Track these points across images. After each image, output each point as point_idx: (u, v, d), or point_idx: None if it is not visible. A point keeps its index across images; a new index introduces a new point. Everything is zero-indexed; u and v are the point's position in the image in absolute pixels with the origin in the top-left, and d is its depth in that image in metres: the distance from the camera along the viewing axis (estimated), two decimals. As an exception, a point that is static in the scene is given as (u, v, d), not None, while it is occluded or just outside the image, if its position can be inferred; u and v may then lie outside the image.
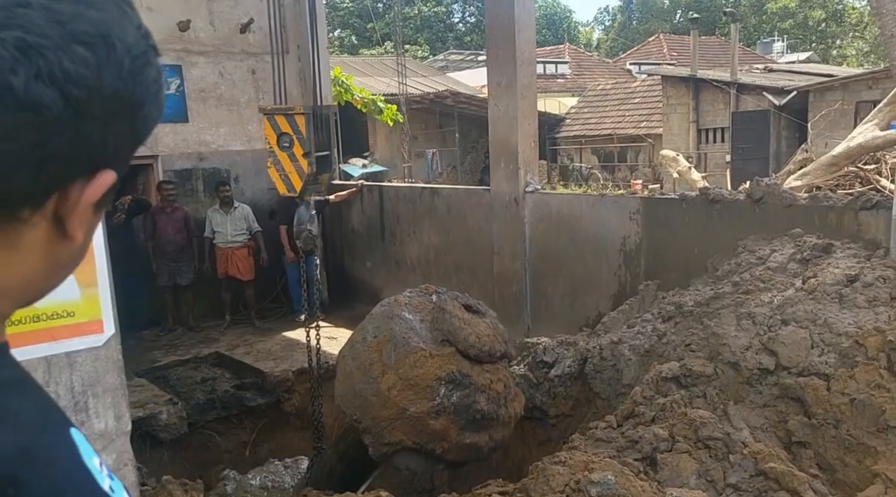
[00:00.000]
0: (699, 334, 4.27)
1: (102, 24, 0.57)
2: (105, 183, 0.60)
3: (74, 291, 2.02)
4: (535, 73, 7.11)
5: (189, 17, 8.75)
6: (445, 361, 3.69)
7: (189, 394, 6.78)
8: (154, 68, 0.63)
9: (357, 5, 43.61)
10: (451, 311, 3.86)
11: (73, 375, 2.12)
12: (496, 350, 3.82)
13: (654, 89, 22.94)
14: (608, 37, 53.90)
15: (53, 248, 0.61)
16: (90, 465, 0.61)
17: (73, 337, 2.07)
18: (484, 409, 3.67)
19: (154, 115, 0.66)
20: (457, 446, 3.73)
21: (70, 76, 0.54)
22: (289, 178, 5.39)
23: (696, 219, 5.63)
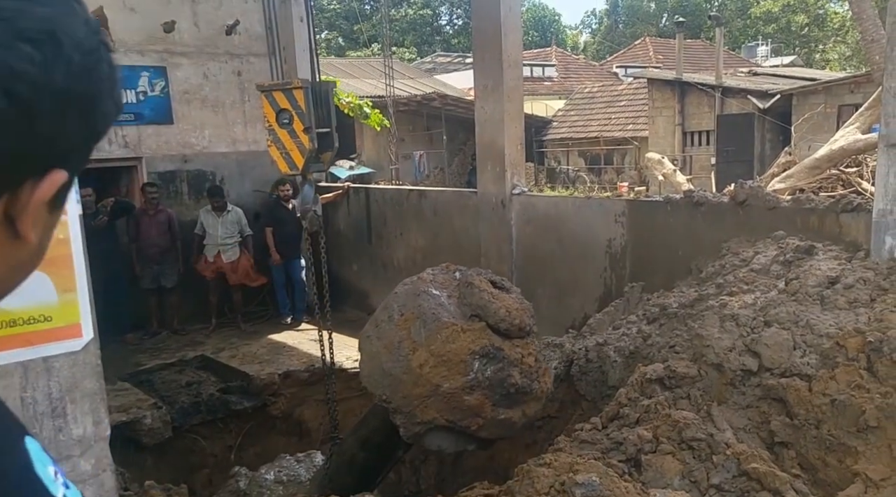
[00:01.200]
0: (683, 336, 4.30)
1: (49, 21, 0.55)
2: (56, 182, 0.59)
3: (52, 296, 2.00)
4: (521, 75, 7.13)
5: (173, 19, 8.70)
6: (477, 336, 3.62)
7: (174, 398, 6.74)
8: (106, 64, 0.62)
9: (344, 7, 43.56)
10: (478, 285, 3.79)
11: (50, 381, 2.10)
12: (525, 324, 3.76)
13: (640, 92, 23.07)
14: (595, 40, 54.15)
15: (6, 249, 0.59)
16: (42, 474, 0.60)
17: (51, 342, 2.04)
18: (518, 383, 3.62)
19: (111, 112, 0.64)
20: (491, 422, 3.67)
21: (15, 74, 0.52)
22: (290, 156, 5.29)
23: (680, 221, 5.66)
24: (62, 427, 2.16)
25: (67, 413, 2.15)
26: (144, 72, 8.70)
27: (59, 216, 0.65)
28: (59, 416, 2.15)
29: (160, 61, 8.76)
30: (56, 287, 2.01)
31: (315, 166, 5.49)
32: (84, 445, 2.23)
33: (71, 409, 2.16)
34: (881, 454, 3.09)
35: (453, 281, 3.98)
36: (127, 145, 8.60)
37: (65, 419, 2.16)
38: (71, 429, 2.18)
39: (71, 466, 2.20)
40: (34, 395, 2.08)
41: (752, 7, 42.54)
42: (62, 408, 2.14)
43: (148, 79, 8.75)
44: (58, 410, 2.14)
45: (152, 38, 8.65)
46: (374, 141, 20.64)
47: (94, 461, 2.25)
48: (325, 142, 5.46)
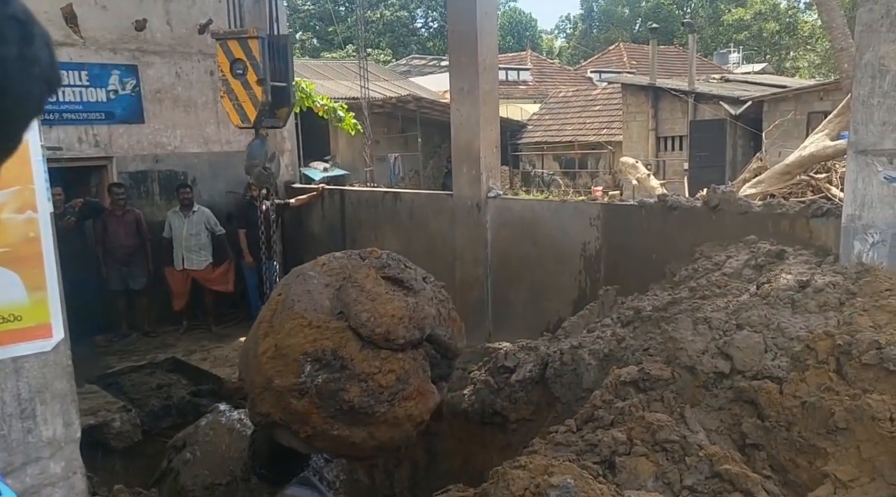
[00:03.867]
0: (657, 339, 4.33)
1: None
2: None
3: (22, 295, 1.95)
4: (497, 79, 7.15)
5: (145, 17, 8.58)
6: (326, 335, 3.20)
7: (143, 401, 6.63)
8: (14, 43, 0.56)
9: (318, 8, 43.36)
10: (358, 280, 3.33)
11: (19, 382, 2.05)
12: (398, 336, 3.21)
13: (615, 97, 23.28)
14: (570, 45, 54.56)
15: None
16: None
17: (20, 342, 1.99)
18: (354, 401, 3.15)
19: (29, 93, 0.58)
20: (324, 436, 3.27)
21: None
22: (242, 108, 5.16)
23: (654, 225, 5.72)
24: (31, 428, 2.11)
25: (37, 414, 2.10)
26: (115, 70, 8.57)
27: None
28: (29, 417, 2.10)
29: (132, 60, 8.63)
30: (26, 286, 1.96)
31: (269, 121, 5.33)
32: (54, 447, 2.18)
33: (41, 411, 2.11)
34: (850, 455, 3.13)
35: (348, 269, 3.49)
36: (97, 144, 8.46)
37: (34, 421, 2.11)
38: (41, 430, 2.13)
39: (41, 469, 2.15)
40: (2, 396, 2.03)
41: (724, 15, 43.20)
42: (32, 409, 2.09)
43: (119, 77, 8.62)
44: (27, 412, 2.09)
45: (124, 36, 8.52)
46: (349, 143, 20.57)
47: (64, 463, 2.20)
48: (282, 96, 5.30)
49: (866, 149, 4.28)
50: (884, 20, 4.13)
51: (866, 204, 4.32)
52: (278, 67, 5.19)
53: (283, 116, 5.41)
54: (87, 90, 8.37)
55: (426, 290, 3.45)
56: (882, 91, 4.18)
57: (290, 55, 5.39)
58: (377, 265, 3.47)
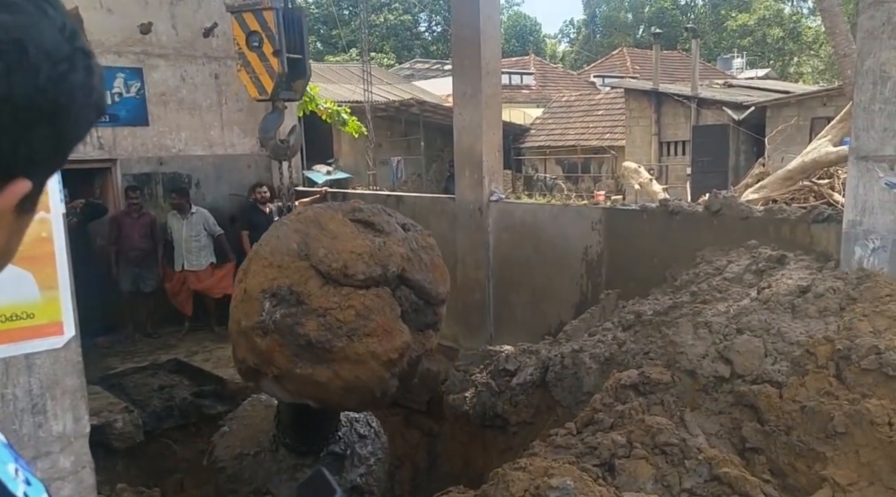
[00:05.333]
0: (658, 343, 4.35)
1: (15, 29, 0.53)
2: (18, 192, 0.58)
3: (34, 293, 1.99)
4: (500, 83, 7.18)
5: (151, 20, 8.63)
6: (286, 274, 3.24)
7: (146, 401, 6.65)
8: (80, 73, 0.60)
9: (322, 12, 43.46)
10: (323, 222, 3.38)
11: (31, 377, 2.09)
12: (357, 271, 3.20)
13: (618, 102, 23.32)
14: (573, 49, 54.64)
15: None
16: (1, 472, 0.60)
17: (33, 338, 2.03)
18: (310, 336, 3.15)
19: (88, 118, 0.63)
20: (291, 376, 3.30)
21: None
22: (259, 80, 5.17)
23: (656, 230, 5.73)
24: (42, 423, 2.15)
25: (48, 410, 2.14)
26: (120, 73, 8.61)
27: (29, 220, 0.65)
28: (40, 412, 2.14)
29: (137, 62, 8.68)
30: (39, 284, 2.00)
31: (286, 94, 5.32)
32: (64, 442, 2.22)
33: (51, 406, 2.15)
34: (849, 459, 3.15)
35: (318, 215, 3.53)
36: (102, 147, 8.50)
37: (45, 416, 2.15)
38: (51, 425, 2.17)
39: (51, 463, 2.19)
40: (14, 391, 2.07)
41: (728, 20, 43.25)
42: (42, 404, 2.13)
43: (124, 80, 8.66)
44: (38, 407, 2.13)
45: (129, 39, 8.56)
46: (352, 146, 20.63)
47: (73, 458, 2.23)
48: (297, 68, 5.30)
49: (867, 155, 4.30)
50: (885, 27, 4.15)
51: (867, 210, 4.34)
52: (293, 39, 5.18)
53: (299, 89, 5.41)
54: (91, 92, 8.42)
55: (397, 233, 3.45)
56: (883, 97, 4.20)
57: (304, 27, 5.38)
58: (347, 209, 3.55)
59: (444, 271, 3.62)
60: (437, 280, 3.52)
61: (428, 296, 3.46)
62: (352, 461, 4.23)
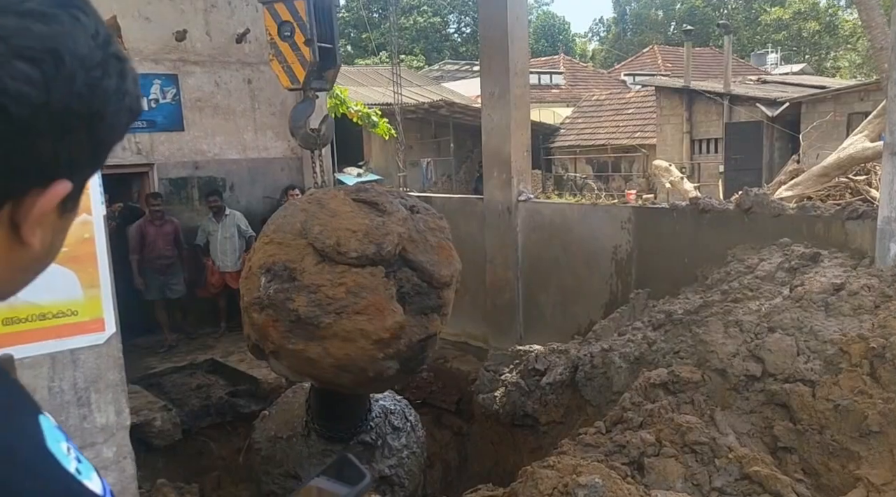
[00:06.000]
0: (688, 342, 4.34)
1: (50, 38, 0.56)
2: (59, 194, 0.61)
3: (78, 291, 2.09)
4: (528, 83, 7.20)
5: (185, 28, 8.81)
6: (283, 251, 3.31)
7: (184, 400, 6.81)
8: (114, 78, 0.62)
9: (353, 16, 43.79)
10: (324, 201, 3.44)
11: (76, 372, 2.19)
12: (350, 248, 3.22)
13: (648, 100, 23.11)
14: (603, 48, 54.23)
15: (10, 252, 0.61)
16: (55, 449, 0.63)
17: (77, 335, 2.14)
18: (299, 311, 3.18)
19: (123, 122, 0.65)
20: (285, 351, 3.35)
21: (10, 94, 0.53)
22: (291, 69, 5.21)
23: (686, 228, 5.70)
24: (87, 415, 2.25)
25: (92, 402, 2.24)
26: (157, 79, 8.81)
27: (71, 219, 0.68)
28: (84, 405, 2.23)
29: (172, 69, 8.87)
30: (81, 283, 2.10)
31: (317, 83, 5.36)
32: (107, 433, 2.31)
33: (95, 399, 2.24)
34: (883, 459, 3.11)
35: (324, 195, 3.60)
36: (139, 152, 8.71)
37: (89, 408, 2.24)
38: (95, 417, 2.27)
39: (95, 453, 2.29)
40: (61, 384, 2.17)
41: (761, 15, 42.54)
42: (87, 397, 2.23)
43: (160, 86, 8.86)
44: (83, 400, 2.23)
45: (166, 46, 8.76)
46: (382, 148, 20.76)
47: (115, 448, 2.33)
48: (328, 58, 5.33)
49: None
50: (919, 20, 4.08)
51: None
52: (324, 29, 5.23)
53: (330, 78, 5.44)
54: (129, 99, 8.62)
55: (399, 213, 3.42)
56: (918, 92, 4.13)
57: (334, 17, 5.43)
58: (352, 189, 3.59)
59: (450, 254, 3.58)
60: (440, 262, 3.47)
61: (430, 277, 3.42)
62: (382, 451, 4.26)
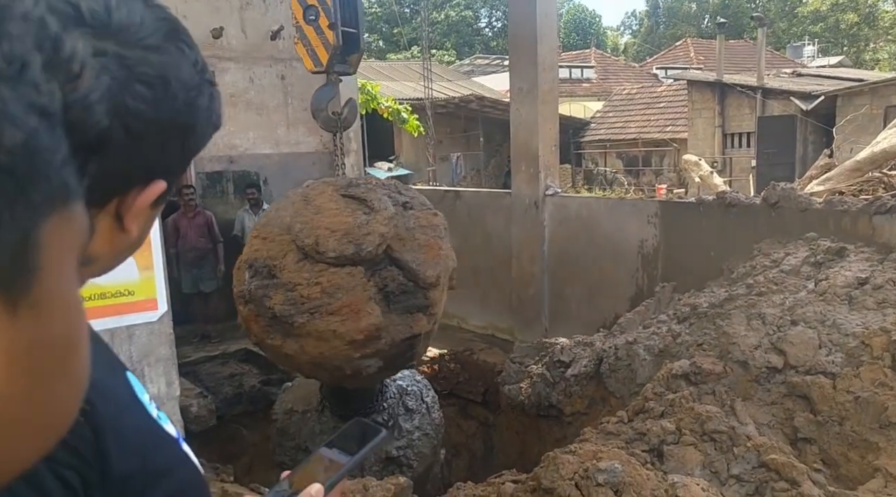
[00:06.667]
0: (711, 334, 4.38)
1: (162, 66, 0.68)
2: (156, 191, 0.73)
3: (134, 273, 2.27)
4: (556, 79, 7.25)
5: (222, 25, 9.02)
6: (268, 246, 3.34)
7: (218, 388, 7.02)
8: (206, 97, 0.74)
9: (385, 11, 43.99)
10: (311, 196, 3.47)
11: (131, 346, 2.36)
12: (328, 248, 3.22)
13: (680, 94, 22.89)
14: (635, 41, 53.70)
15: (114, 238, 0.74)
16: (142, 398, 0.79)
17: (132, 313, 2.31)
18: (275, 309, 3.21)
19: (207, 133, 0.78)
20: (265, 345, 3.41)
21: (130, 111, 0.65)
22: (315, 52, 5.31)
23: (712, 222, 5.72)
24: None
25: (145, 374, 2.40)
26: (193, 76, 9.02)
27: (158, 213, 0.81)
28: (138, 376, 2.40)
29: (209, 66, 9.08)
30: (138, 266, 2.27)
31: (341, 67, 5.44)
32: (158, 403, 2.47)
33: (148, 372, 2.41)
34: (902, 450, 3.15)
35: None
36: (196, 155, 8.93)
37: (143, 379, 2.41)
38: (147, 388, 2.43)
39: None
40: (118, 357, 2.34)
41: (798, 6, 41.74)
42: (141, 370, 2.39)
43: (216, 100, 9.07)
44: (137, 372, 2.40)
45: (202, 43, 8.85)
46: (412, 143, 20.90)
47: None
48: (352, 42, 5.40)
49: (930, 145, 4.22)
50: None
51: (930, 201, 4.26)
52: (348, 13, 5.32)
53: (353, 63, 5.53)
54: (167, 96, 8.84)
55: (386, 211, 3.39)
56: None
57: (359, 2, 5.51)
58: (342, 184, 3.56)
59: (438, 253, 3.51)
60: (426, 261, 3.43)
61: (415, 277, 3.39)
62: (392, 432, 4.32)
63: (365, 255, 3.26)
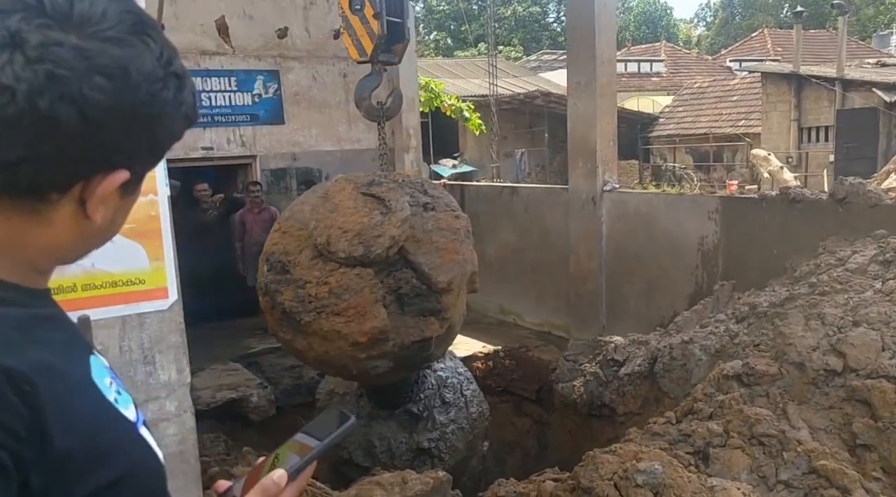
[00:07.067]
0: (769, 335, 4.23)
1: (122, 58, 0.72)
2: (117, 180, 0.76)
3: (145, 263, 2.40)
4: (615, 72, 7.12)
5: (287, 25, 9.24)
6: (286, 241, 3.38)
7: (278, 379, 7.19)
8: (171, 90, 0.77)
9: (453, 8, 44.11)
10: (331, 193, 3.47)
11: (142, 333, 2.48)
12: (338, 248, 3.22)
13: (755, 87, 22.07)
14: (709, 33, 52.09)
15: (78, 224, 0.77)
16: (98, 380, 0.80)
17: (143, 301, 2.44)
18: (284, 305, 3.25)
19: (177, 127, 0.80)
20: (278, 337, 3.46)
21: (87, 99, 0.69)
22: (360, 42, 5.37)
23: (776, 219, 5.51)
24: (151, 372, 2.54)
25: (156, 361, 2.52)
26: (260, 75, 9.29)
27: (131, 201, 0.83)
28: (150, 363, 2.53)
29: (274, 65, 9.33)
30: (148, 255, 2.41)
31: (385, 56, 5.48)
32: (169, 389, 2.59)
33: (159, 358, 2.53)
34: (969, 461, 2.96)
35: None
36: (243, 144, 9.23)
37: (154, 366, 2.54)
38: (159, 374, 2.56)
39: (158, 407, 2.58)
40: (130, 344, 2.47)
41: (886, -8, 39.61)
42: (152, 356, 2.51)
43: (263, 82, 9.34)
44: (148, 358, 2.52)
45: (268, 43, 9.22)
46: (477, 140, 20.90)
47: (176, 403, 2.62)
48: (397, 32, 5.42)
49: None
50: None
51: None
52: (393, 3, 5.36)
53: (398, 52, 5.57)
54: (234, 95, 9.14)
55: (402, 213, 3.33)
56: None
57: None
58: (364, 181, 3.54)
59: (453, 258, 3.43)
60: (440, 265, 3.36)
61: (427, 281, 3.34)
62: (426, 424, 4.32)
63: (374, 257, 3.24)
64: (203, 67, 8.86)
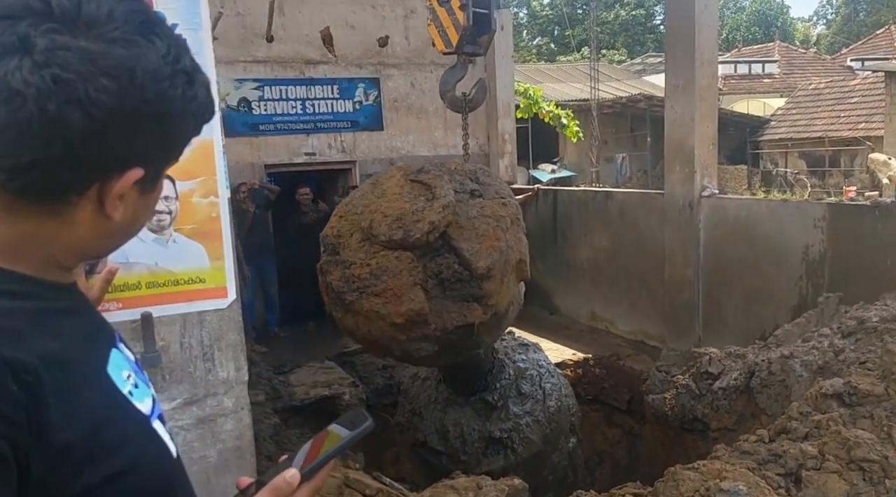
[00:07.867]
0: (876, 352, 3.95)
1: (128, 59, 0.72)
2: (132, 178, 0.77)
3: (205, 262, 2.54)
4: (716, 74, 6.86)
5: (387, 34, 9.47)
6: (341, 224, 3.47)
7: (370, 379, 7.36)
8: (179, 88, 0.77)
9: (556, 13, 43.77)
10: (381, 179, 3.58)
11: (202, 331, 2.61)
12: (380, 232, 3.32)
13: (877, 87, 20.61)
14: (829, 32, 49.09)
15: (99, 223, 0.79)
16: (114, 374, 0.82)
17: (204, 299, 2.57)
18: (331, 283, 3.35)
19: (189, 123, 0.80)
20: (332, 316, 3.51)
21: (93, 101, 0.70)
22: (446, 33, 5.39)
23: (890, 228, 5.14)
24: (211, 369, 2.67)
25: (215, 358, 2.65)
26: (360, 83, 9.58)
27: (152, 199, 0.84)
28: (209, 360, 2.66)
29: (374, 73, 9.59)
30: (209, 255, 2.54)
31: (470, 48, 5.46)
32: (227, 386, 2.72)
33: (217, 356, 2.66)
34: None
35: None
36: (344, 150, 9.54)
37: (213, 363, 2.67)
38: (217, 371, 2.68)
39: (217, 402, 2.71)
40: (190, 341, 2.62)
41: None
42: (211, 354, 2.64)
43: (363, 89, 9.62)
44: (208, 355, 2.65)
45: (369, 52, 9.49)
46: (577, 145, 20.64)
47: (234, 400, 2.74)
48: (483, 23, 5.39)
49: None
50: None
51: None
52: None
53: (483, 44, 5.55)
54: (336, 102, 9.47)
55: (444, 199, 3.37)
56: None
57: None
58: (412, 169, 3.61)
59: (494, 244, 3.40)
60: (480, 251, 3.36)
61: (467, 265, 3.35)
62: (500, 413, 4.29)
63: (413, 241, 3.28)
64: (307, 76, 9.22)
